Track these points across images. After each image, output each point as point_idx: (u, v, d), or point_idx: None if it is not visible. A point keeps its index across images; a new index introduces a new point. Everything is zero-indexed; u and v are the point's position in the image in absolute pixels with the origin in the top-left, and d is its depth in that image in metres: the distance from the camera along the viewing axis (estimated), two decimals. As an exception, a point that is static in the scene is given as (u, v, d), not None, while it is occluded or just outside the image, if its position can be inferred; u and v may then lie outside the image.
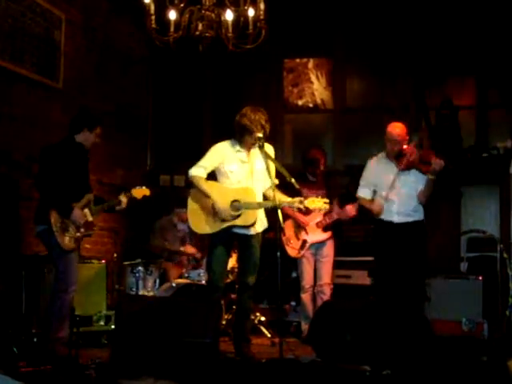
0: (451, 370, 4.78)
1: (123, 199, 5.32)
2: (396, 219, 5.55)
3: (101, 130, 5.31)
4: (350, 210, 6.13)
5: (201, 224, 5.21)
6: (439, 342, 5.67)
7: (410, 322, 5.04)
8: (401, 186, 5.53)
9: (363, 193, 5.79)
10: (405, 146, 5.51)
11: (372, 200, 5.72)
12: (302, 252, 6.30)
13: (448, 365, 4.99)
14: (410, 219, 5.54)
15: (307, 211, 5.99)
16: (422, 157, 5.45)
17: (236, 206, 5.10)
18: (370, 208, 5.71)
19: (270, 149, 5.23)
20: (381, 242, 5.65)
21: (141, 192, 5.42)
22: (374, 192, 5.72)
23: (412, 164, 5.46)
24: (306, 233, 6.30)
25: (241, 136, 5.19)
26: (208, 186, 5.20)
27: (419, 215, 5.59)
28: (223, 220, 5.12)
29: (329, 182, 6.50)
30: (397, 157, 5.53)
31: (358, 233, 7.30)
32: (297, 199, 5.08)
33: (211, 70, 8.36)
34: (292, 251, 6.31)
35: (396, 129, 5.54)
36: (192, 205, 5.26)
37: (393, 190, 5.52)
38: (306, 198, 5.13)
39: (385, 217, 5.59)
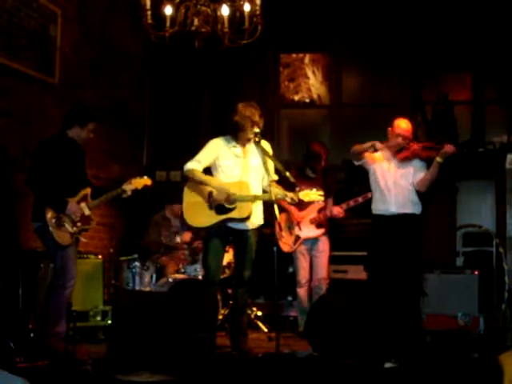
0: (444, 364, 4.81)
1: (127, 187, 5.29)
2: (394, 209, 5.50)
3: (94, 126, 5.26)
4: (338, 212, 6.19)
5: (197, 217, 5.19)
6: (435, 337, 5.71)
7: (403, 316, 5.08)
8: (399, 177, 5.52)
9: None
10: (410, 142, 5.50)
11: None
12: (295, 247, 6.31)
13: (441, 359, 5.02)
14: (407, 211, 5.50)
15: (302, 206, 6.01)
16: (423, 145, 5.44)
17: (232, 198, 5.10)
18: (365, 146, 5.49)
19: (266, 145, 5.24)
20: (377, 234, 5.62)
21: (142, 182, 5.38)
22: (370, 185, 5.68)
23: (414, 154, 5.46)
24: (300, 228, 6.30)
25: (234, 132, 5.21)
26: (205, 176, 5.20)
27: (416, 209, 5.55)
28: (218, 211, 5.12)
29: (327, 178, 6.47)
30: (399, 150, 5.52)
31: (354, 227, 7.30)
32: (291, 192, 5.09)
33: (207, 65, 8.35)
34: (285, 246, 6.32)
35: (404, 124, 5.51)
36: (188, 198, 5.24)
37: (391, 181, 5.53)
38: (301, 191, 5.14)
39: (382, 209, 5.56)
